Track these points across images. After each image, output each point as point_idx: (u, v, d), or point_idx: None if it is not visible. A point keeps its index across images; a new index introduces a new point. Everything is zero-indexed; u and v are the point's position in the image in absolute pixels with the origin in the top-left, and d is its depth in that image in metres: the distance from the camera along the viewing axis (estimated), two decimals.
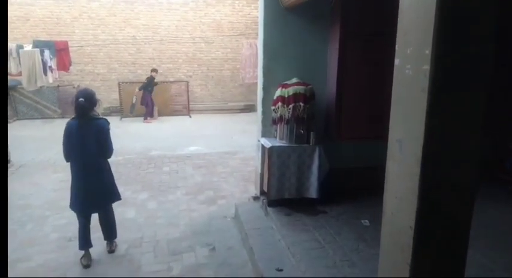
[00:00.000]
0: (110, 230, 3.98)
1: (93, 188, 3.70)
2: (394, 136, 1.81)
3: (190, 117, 13.06)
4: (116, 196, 3.97)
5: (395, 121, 1.81)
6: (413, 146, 1.66)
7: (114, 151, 3.84)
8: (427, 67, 1.59)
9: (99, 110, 3.86)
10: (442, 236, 1.72)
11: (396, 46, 1.80)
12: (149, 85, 12.10)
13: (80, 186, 3.68)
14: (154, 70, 12.40)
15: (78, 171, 3.70)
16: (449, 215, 1.72)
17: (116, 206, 5.03)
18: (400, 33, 1.78)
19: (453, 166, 1.69)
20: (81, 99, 3.54)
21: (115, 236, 4.03)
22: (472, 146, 1.69)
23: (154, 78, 12.27)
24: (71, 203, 3.78)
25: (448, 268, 1.77)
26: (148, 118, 12.09)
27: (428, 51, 1.58)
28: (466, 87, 1.63)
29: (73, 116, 3.71)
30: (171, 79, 13.61)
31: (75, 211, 3.79)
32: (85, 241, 3.74)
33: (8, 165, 6.78)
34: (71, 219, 4.69)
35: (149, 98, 12.15)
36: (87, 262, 3.67)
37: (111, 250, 3.93)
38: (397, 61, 1.80)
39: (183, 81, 13.63)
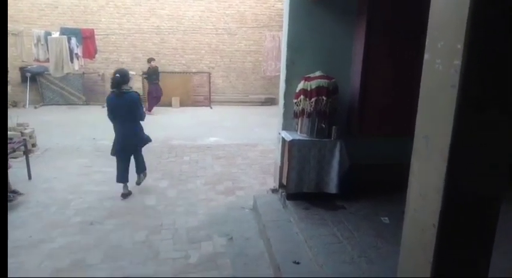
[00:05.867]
0: (140, 166, 5.27)
1: (129, 138, 4.95)
2: (420, 132, 1.77)
3: (211, 108, 13.13)
4: (146, 140, 5.21)
5: (422, 117, 1.78)
6: (441, 143, 1.62)
7: None
8: (458, 62, 1.54)
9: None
10: (466, 236, 1.69)
11: (426, 40, 1.76)
12: (149, 74, 11.77)
13: (119, 138, 4.94)
14: (151, 59, 11.95)
15: (118, 128, 4.93)
16: (474, 215, 1.68)
17: (137, 193, 5.18)
18: (431, 26, 1.73)
19: (481, 165, 1.65)
20: (118, 74, 4.69)
21: (143, 170, 5.32)
22: (502, 146, 1.64)
23: (151, 67, 11.78)
24: (112, 151, 5.02)
25: (471, 269, 1.74)
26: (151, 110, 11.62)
27: (460, 46, 1.53)
28: (499, 83, 1.58)
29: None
30: (194, 70, 13.69)
31: (116, 156, 5.01)
32: (123, 177, 5.03)
33: (34, 148, 6.98)
34: (93, 203, 4.82)
35: (152, 89, 11.79)
36: (126, 191, 5.03)
37: (138, 182, 5.28)
38: (426, 55, 1.76)
39: (205, 72, 13.69)
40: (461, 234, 1.68)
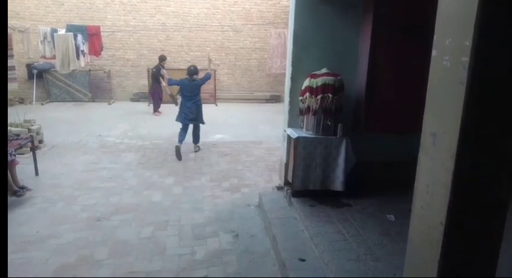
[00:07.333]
0: (197, 138, 7.26)
1: (194, 112, 6.99)
2: (428, 129, 1.76)
3: (217, 105, 13.13)
4: (201, 119, 7.18)
5: (430, 113, 1.77)
6: (448, 140, 1.62)
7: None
8: (466, 59, 1.53)
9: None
10: (474, 233, 1.68)
11: (434, 36, 1.75)
12: (157, 75, 10.05)
13: (185, 109, 6.96)
14: (162, 57, 10.88)
15: (185, 102, 6.99)
16: (482, 212, 1.67)
17: (143, 189, 5.20)
18: (439, 22, 1.72)
19: (489, 162, 1.64)
20: (192, 67, 7.16)
21: (198, 142, 7.28)
22: (510, 142, 1.63)
23: (160, 67, 10.28)
24: (177, 118, 7.05)
25: (479, 267, 1.73)
26: (157, 111, 10.93)
27: (468, 42, 1.52)
28: (508, 80, 1.56)
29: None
30: (199, 67, 13.67)
31: (181, 122, 7.01)
32: (181, 140, 6.84)
33: (41, 145, 7.02)
34: (100, 200, 4.85)
35: (159, 89, 10.62)
36: (179, 148, 6.70)
37: (195, 150, 7.17)
38: (434, 52, 1.75)
39: (210, 70, 13.66)
40: (469, 232, 1.67)
